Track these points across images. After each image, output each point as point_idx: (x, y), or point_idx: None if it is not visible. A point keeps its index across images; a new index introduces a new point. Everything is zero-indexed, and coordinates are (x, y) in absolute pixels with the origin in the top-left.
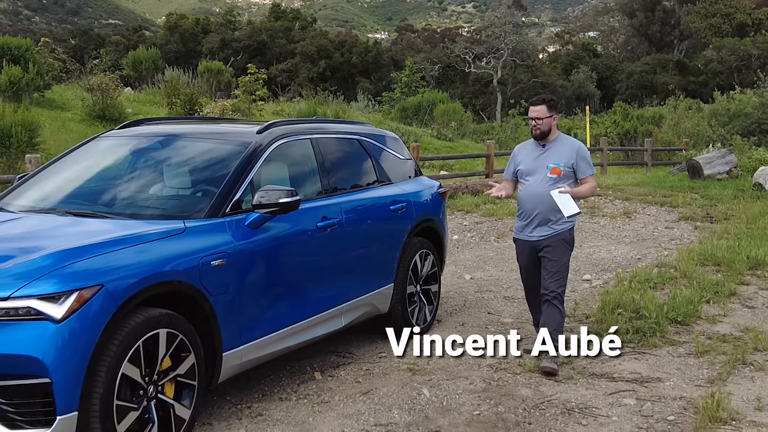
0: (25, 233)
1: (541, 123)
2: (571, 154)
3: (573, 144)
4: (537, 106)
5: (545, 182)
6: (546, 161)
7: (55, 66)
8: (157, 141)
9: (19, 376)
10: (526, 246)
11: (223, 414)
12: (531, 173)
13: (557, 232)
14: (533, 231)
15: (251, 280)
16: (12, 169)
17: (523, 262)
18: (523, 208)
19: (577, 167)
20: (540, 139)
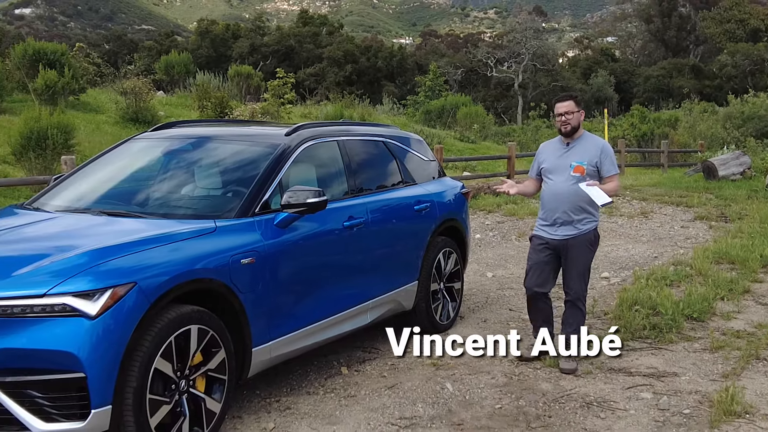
0: (60, 232)
1: (571, 117)
2: (595, 153)
3: (597, 142)
4: (565, 102)
5: (568, 181)
6: (569, 159)
7: (89, 70)
8: (188, 143)
9: (54, 370)
10: (545, 243)
11: (253, 407)
12: (554, 171)
13: (582, 232)
14: (557, 230)
15: (280, 277)
16: (48, 170)
17: (535, 258)
18: (547, 207)
19: (601, 165)
20: (569, 135)
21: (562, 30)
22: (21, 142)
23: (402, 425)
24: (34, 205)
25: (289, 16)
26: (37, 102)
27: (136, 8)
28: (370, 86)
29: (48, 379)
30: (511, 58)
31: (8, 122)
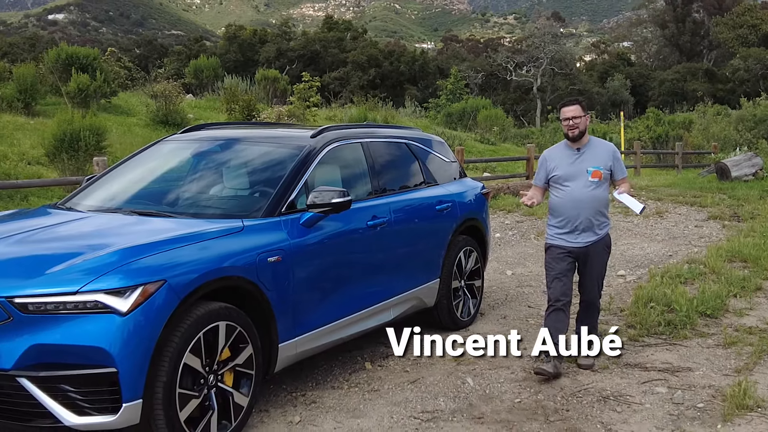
0: (93, 231)
1: (578, 122)
2: (608, 156)
3: (608, 146)
4: (572, 106)
5: (587, 187)
6: (584, 165)
7: (121, 74)
8: (217, 144)
9: (87, 365)
10: (567, 252)
11: (279, 401)
12: (570, 178)
13: (601, 237)
14: (578, 237)
15: (305, 275)
16: (80, 171)
17: (559, 267)
18: (565, 215)
19: (614, 169)
20: (576, 140)
21: (579, 35)
22: (54, 143)
23: (424, 419)
24: (67, 204)
25: (314, 22)
26: (70, 105)
27: (166, 14)
28: (393, 90)
29: (80, 373)
30: (530, 63)
31: (42, 125)
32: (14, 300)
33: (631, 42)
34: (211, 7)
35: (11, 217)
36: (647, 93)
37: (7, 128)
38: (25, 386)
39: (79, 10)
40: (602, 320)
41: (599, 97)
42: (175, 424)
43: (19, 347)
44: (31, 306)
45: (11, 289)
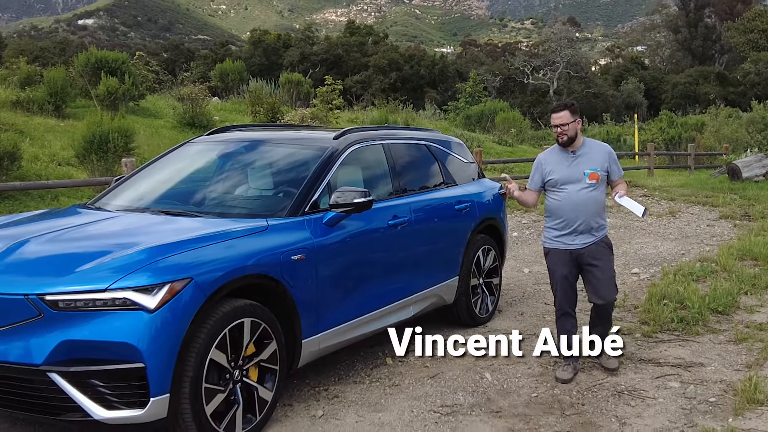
0: (121, 230)
1: (567, 128)
2: (604, 158)
3: (603, 147)
4: (560, 112)
5: (585, 189)
6: (581, 167)
7: (148, 77)
8: (242, 146)
9: (115, 361)
10: (565, 255)
11: (303, 396)
12: (567, 182)
13: (599, 238)
14: (576, 239)
15: (328, 273)
16: (109, 171)
17: (561, 271)
18: (564, 218)
19: (610, 170)
20: (567, 145)
21: (594, 39)
22: (84, 145)
23: (443, 412)
24: (96, 204)
25: (337, 27)
26: (99, 107)
27: (192, 19)
28: (414, 93)
29: (109, 368)
30: (547, 66)
31: (72, 127)
32: (45, 297)
33: (645, 46)
34: (236, 12)
35: (42, 217)
36: (660, 96)
37: (38, 130)
38: (55, 381)
39: (108, 15)
40: (616, 317)
41: (614, 99)
42: (202, 418)
43: (50, 343)
44: (62, 303)
45: (42, 287)
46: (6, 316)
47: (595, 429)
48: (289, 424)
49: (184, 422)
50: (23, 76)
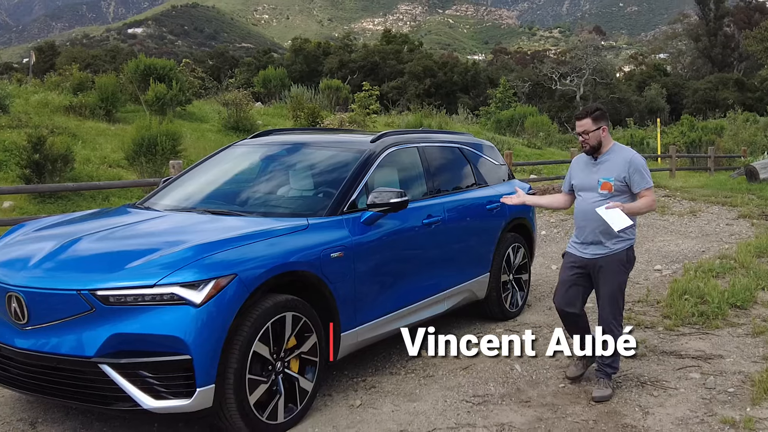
0: (169, 229)
1: (588, 137)
2: (622, 167)
3: (626, 155)
4: (582, 120)
5: (596, 199)
6: (597, 176)
7: (195, 84)
8: (284, 149)
9: (163, 353)
10: (576, 261)
11: (341, 386)
12: (584, 189)
13: (613, 251)
14: (587, 249)
15: (366, 269)
16: (157, 173)
17: (564, 275)
18: (578, 225)
19: (630, 180)
20: (591, 153)
21: (619, 47)
22: (133, 148)
23: (475, 402)
24: (145, 204)
25: (374, 35)
26: (148, 112)
27: (237, 28)
28: (447, 98)
29: (158, 360)
30: (574, 73)
31: (122, 130)
32: (97, 292)
33: (667, 54)
34: (278, 21)
35: (94, 216)
36: (682, 101)
37: (89, 134)
38: (106, 372)
39: (157, 24)
40: (640, 311)
41: (637, 104)
42: (246, 407)
43: (101, 336)
44: (112, 298)
45: (94, 282)
46: (59, 311)
47: (619, 418)
48: (328, 413)
49: (228, 411)
50: (76, 83)
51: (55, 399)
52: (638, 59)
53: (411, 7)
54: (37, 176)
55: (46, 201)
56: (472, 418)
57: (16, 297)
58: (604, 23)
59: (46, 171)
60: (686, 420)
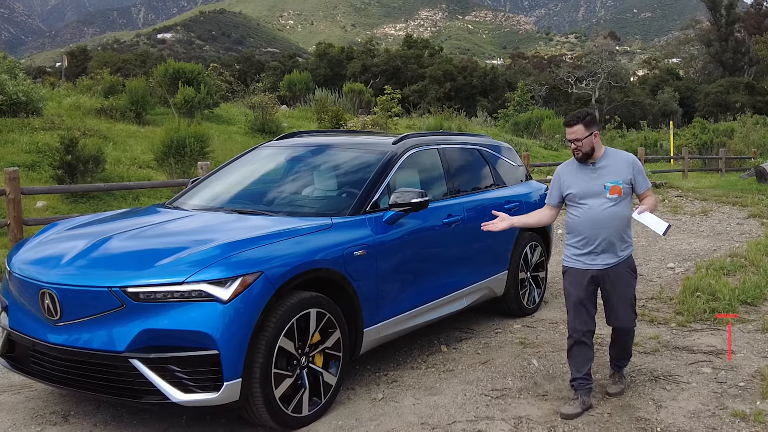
0: (197, 228)
1: (581, 144)
2: (627, 169)
3: (626, 158)
4: (573, 127)
5: (606, 204)
6: (602, 181)
7: (222, 87)
8: (308, 150)
9: (192, 348)
10: (584, 275)
11: (364, 380)
12: (587, 196)
13: (623, 259)
14: (597, 259)
15: (388, 267)
16: (186, 173)
17: (578, 294)
18: (584, 235)
19: (635, 182)
20: (584, 161)
21: (633, 52)
22: (163, 149)
23: (494, 396)
24: (174, 204)
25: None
26: (177, 115)
27: (263, 33)
28: (466, 101)
29: (186, 355)
30: (589, 77)
31: (151, 132)
32: (127, 289)
33: (680, 58)
34: (303, 27)
35: (125, 215)
36: (694, 104)
37: (120, 135)
38: (136, 366)
39: (185, 29)
40: (653, 308)
41: (651, 107)
42: (271, 400)
43: (131, 332)
44: (142, 295)
45: (125, 280)
46: (91, 307)
47: (633, 411)
48: (351, 406)
49: (255, 404)
50: (107, 86)
51: (87, 392)
52: (652, 63)
53: (432, 13)
54: (69, 177)
55: (78, 201)
56: (491, 411)
57: (49, 294)
58: (619, 29)
59: (78, 172)
60: (698, 413)
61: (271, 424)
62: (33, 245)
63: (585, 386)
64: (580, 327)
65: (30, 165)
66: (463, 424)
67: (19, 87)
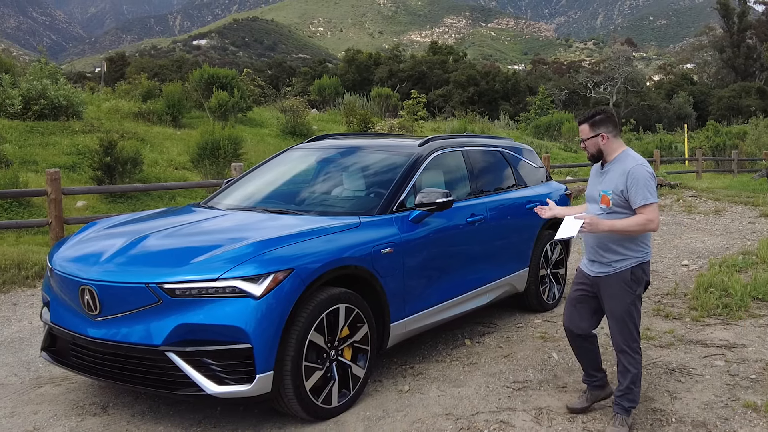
0: (231, 226)
1: (586, 144)
2: (620, 180)
3: (626, 165)
4: (581, 126)
5: (598, 213)
6: (600, 188)
7: (255, 92)
8: (338, 152)
9: (226, 342)
10: (583, 278)
11: (391, 373)
12: (591, 200)
13: (616, 270)
14: (592, 266)
15: (414, 264)
16: (220, 174)
17: (572, 293)
18: (585, 239)
19: (628, 195)
20: (596, 161)
21: (649, 58)
22: (198, 151)
23: (515, 388)
24: (208, 204)
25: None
26: (211, 118)
27: (294, 40)
28: (489, 105)
29: (220, 348)
30: (607, 82)
31: (187, 135)
32: (164, 285)
33: (694, 64)
34: (332, 34)
35: (161, 215)
36: (707, 108)
37: (157, 138)
38: (173, 360)
39: (220, 36)
40: (668, 303)
41: (666, 111)
42: (302, 392)
43: (168, 326)
44: (178, 291)
45: (161, 276)
46: (129, 303)
47: (649, 402)
48: (378, 397)
49: (286, 396)
50: (144, 91)
51: (125, 385)
52: (667, 69)
53: (456, 21)
54: (108, 177)
55: (116, 200)
56: (513, 403)
57: (89, 290)
58: (636, 35)
59: (117, 173)
60: (711, 404)
61: (302, 414)
62: (73, 243)
63: (592, 382)
64: (567, 324)
65: (71, 166)
66: (486, 414)
67: (60, 92)
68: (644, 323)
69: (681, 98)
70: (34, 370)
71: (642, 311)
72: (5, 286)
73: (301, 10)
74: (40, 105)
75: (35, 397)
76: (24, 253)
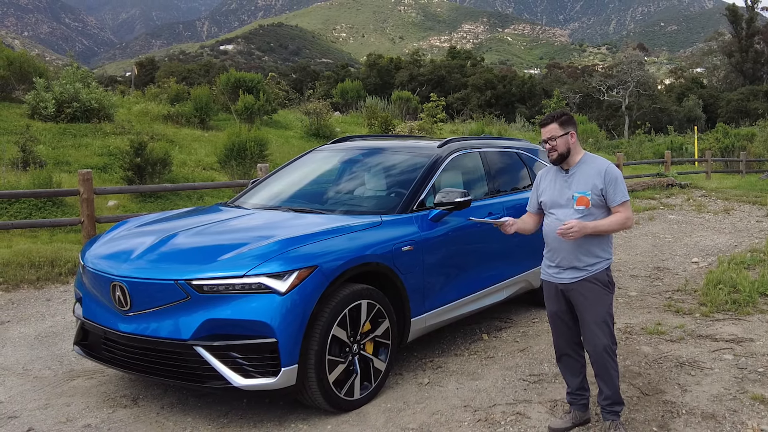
0: (257, 225)
1: (555, 143)
2: (597, 178)
3: (600, 165)
4: (547, 126)
5: (573, 216)
6: (571, 190)
7: (280, 95)
8: (360, 153)
9: (252, 336)
10: (554, 288)
11: (411, 366)
12: (555, 206)
13: (591, 273)
14: (562, 273)
15: (433, 261)
16: (246, 175)
17: (551, 307)
18: (549, 247)
19: (606, 193)
20: (558, 163)
21: (660, 62)
22: (225, 152)
23: (531, 381)
24: (235, 203)
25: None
26: (238, 120)
27: (317, 45)
28: (506, 108)
29: (247, 343)
30: (619, 85)
31: (215, 137)
32: (192, 282)
33: (704, 68)
34: (355, 39)
35: (189, 214)
36: (717, 111)
37: (186, 140)
38: (201, 354)
39: (246, 41)
40: (679, 299)
41: (677, 114)
42: (325, 385)
43: (196, 321)
44: (206, 287)
45: (190, 273)
46: (158, 299)
47: (660, 395)
48: (399, 390)
49: (310, 388)
50: (173, 94)
51: (155, 378)
52: (677, 73)
53: (474, 26)
54: (138, 178)
55: (146, 200)
56: (529, 395)
57: (120, 286)
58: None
59: (147, 173)
60: (720, 397)
61: (325, 406)
62: (105, 241)
63: (578, 402)
64: (559, 341)
65: (102, 167)
66: (503, 406)
67: (92, 95)
68: (656, 318)
69: (691, 101)
70: (67, 364)
71: (653, 306)
72: (39, 283)
73: (325, 16)
74: (73, 108)
75: (68, 389)
76: (57, 251)
